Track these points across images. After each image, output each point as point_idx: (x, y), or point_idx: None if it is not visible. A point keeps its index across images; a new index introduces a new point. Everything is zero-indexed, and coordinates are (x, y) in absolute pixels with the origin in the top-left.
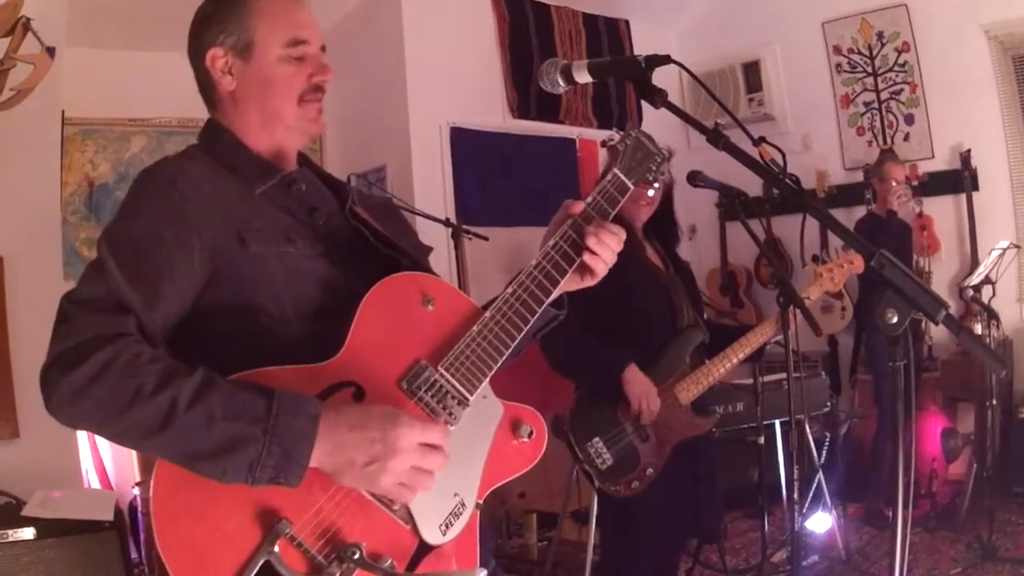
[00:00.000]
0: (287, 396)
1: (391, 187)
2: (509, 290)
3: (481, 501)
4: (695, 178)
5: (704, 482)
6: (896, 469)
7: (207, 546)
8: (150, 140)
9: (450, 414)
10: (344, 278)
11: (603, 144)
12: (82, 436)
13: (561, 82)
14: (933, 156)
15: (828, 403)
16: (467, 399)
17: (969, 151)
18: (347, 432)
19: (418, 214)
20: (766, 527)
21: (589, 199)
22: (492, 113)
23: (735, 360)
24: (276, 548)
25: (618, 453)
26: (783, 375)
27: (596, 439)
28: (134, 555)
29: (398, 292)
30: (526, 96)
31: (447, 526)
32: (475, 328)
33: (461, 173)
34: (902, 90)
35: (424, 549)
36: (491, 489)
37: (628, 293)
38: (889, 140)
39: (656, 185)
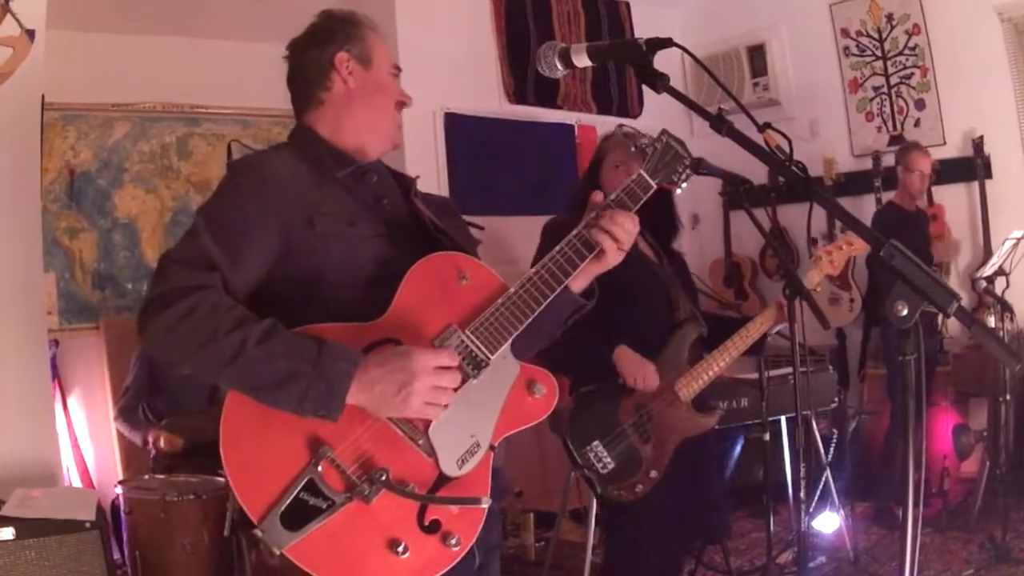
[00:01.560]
0: (334, 345)
1: None
2: (533, 270)
3: (495, 444)
4: (698, 165)
5: (709, 481)
6: (906, 466)
7: (263, 463)
8: (134, 126)
9: (473, 368)
10: (398, 255)
11: (634, 146)
12: (63, 433)
13: (559, 66)
14: (945, 143)
15: (836, 398)
16: (488, 358)
17: (982, 137)
18: (376, 369)
19: None
20: (771, 527)
21: (613, 195)
22: (488, 98)
23: (735, 352)
24: (320, 468)
25: (619, 456)
26: (789, 369)
27: (595, 442)
28: (116, 556)
29: (437, 267)
30: (523, 81)
31: (463, 461)
32: (499, 300)
33: (456, 160)
34: (912, 74)
35: (443, 480)
36: (504, 435)
37: (623, 289)
38: (899, 126)
39: (681, 188)
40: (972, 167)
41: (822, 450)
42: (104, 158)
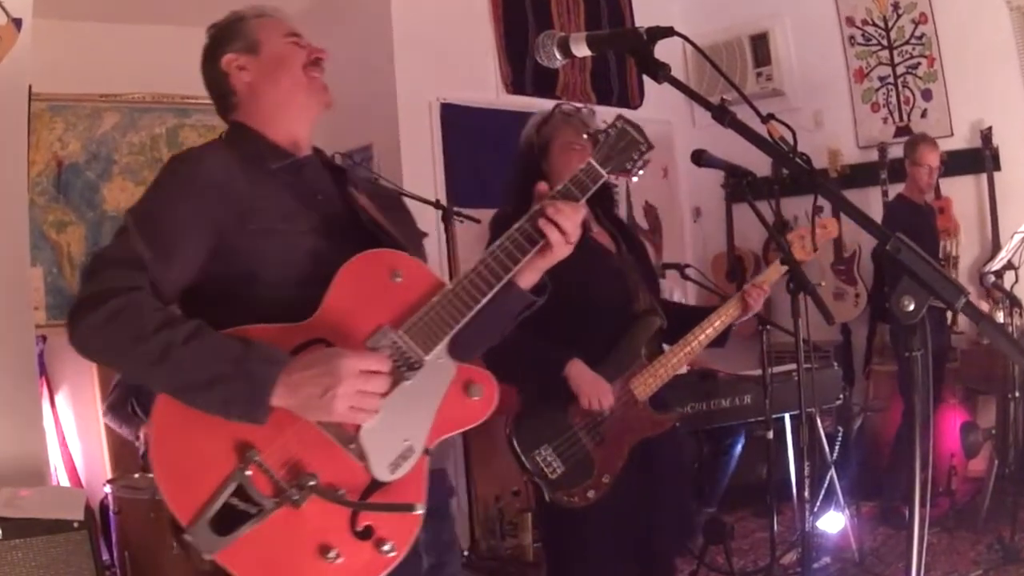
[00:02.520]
0: (260, 346)
1: (378, 167)
2: (473, 266)
3: (431, 447)
4: (700, 157)
5: (667, 488)
6: (912, 465)
7: (192, 467)
8: (123, 117)
9: (406, 370)
10: (332, 251)
11: (586, 132)
12: (51, 432)
13: (558, 55)
14: (952, 134)
15: (841, 395)
16: (422, 358)
17: (990, 128)
18: (302, 372)
19: (406, 196)
20: (775, 527)
21: (560, 186)
22: (485, 88)
23: (697, 347)
24: (248, 472)
25: (569, 460)
26: (793, 366)
27: (544, 447)
28: (105, 556)
29: (370, 266)
30: (521, 71)
31: (396, 466)
32: (435, 299)
33: (452, 152)
34: (919, 64)
35: (375, 485)
36: (440, 438)
37: (576, 281)
38: (905, 117)
39: (636, 177)
40: (980, 159)
41: (827, 448)
42: (92, 150)
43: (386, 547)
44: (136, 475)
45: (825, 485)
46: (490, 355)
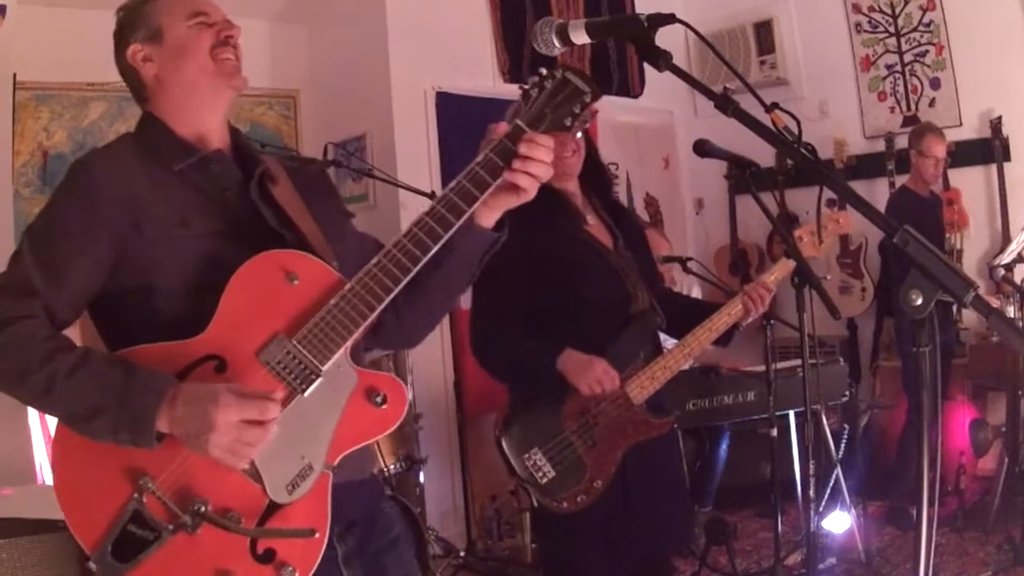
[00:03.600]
0: (143, 374)
1: (372, 157)
2: (380, 253)
3: (334, 464)
4: (702, 147)
5: (663, 492)
6: (920, 464)
7: (91, 494)
8: (110, 106)
9: (300, 383)
10: (235, 255)
11: (521, 89)
12: (36, 429)
13: (556, 43)
14: (961, 124)
15: (847, 392)
16: (318, 369)
17: (1000, 118)
18: (183, 406)
19: (400, 186)
20: (779, 527)
21: (480, 156)
22: (481, 76)
23: (697, 349)
24: (145, 500)
25: (560, 465)
26: (798, 362)
27: (534, 450)
28: None
29: (261, 270)
30: (518, 58)
31: (293, 486)
32: (332, 302)
33: (448, 142)
34: (927, 52)
35: (273, 507)
36: (344, 453)
37: (572, 282)
38: (913, 106)
39: (579, 133)
40: (990, 149)
41: (832, 446)
42: (79, 140)
43: (287, 570)
44: None
45: (830, 484)
46: (485, 355)
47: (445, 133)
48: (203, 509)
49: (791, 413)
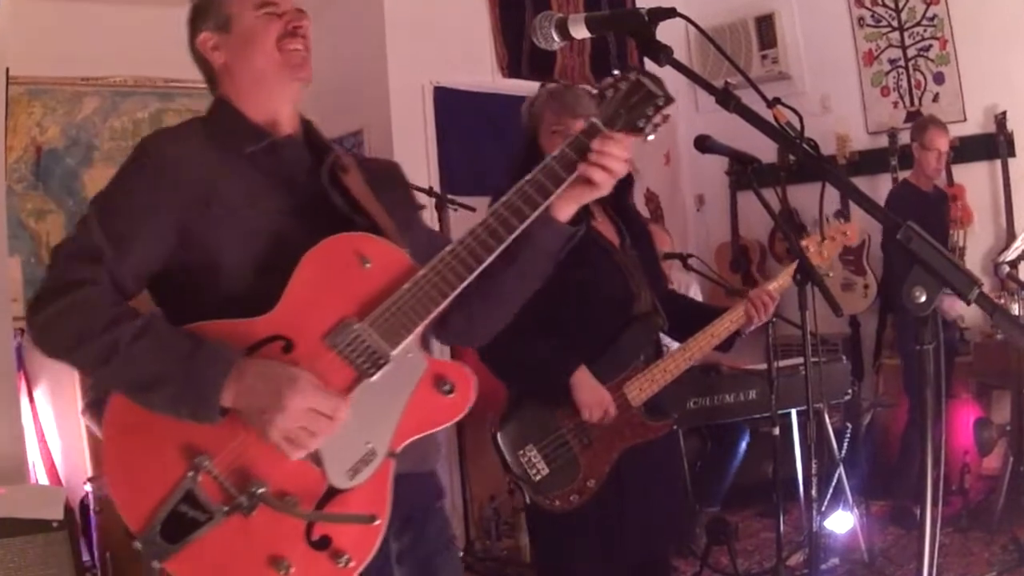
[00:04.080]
0: (210, 345)
1: (368, 153)
2: (455, 242)
3: (397, 451)
4: (703, 143)
5: (657, 488)
6: (924, 463)
7: (143, 471)
8: (104, 101)
9: (369, 368)
10: (303, 237)
11: (596, 89)
12: (29, 428)
13: (556, 37)
14: (965, 119)
15: (849, 390)
16: (388, 354)
17: (1005, 113)
18: (253, 381)
19: None
20: (781, 527)
21: (556, 152)
22: (480, 71)
23: (698, 354)
24: (199, 479)
25: (555, 463)
26: (800, 360)
27: (529, 446)
28: (85, 557)
29: (336, 251)
30: (517, 53)
31: (355, 472)
32: (405, 287)
33: (446, 138)
34: (931, 46)
35: (332, 492)
36: (409, 440)
37: (576, 278)
38: (916, 101)
39: (651, 136)
40: (994, 144)
41: (835, 445)
42: (73, 135)
43: (343, 559)
44: None
45: (833, 483)
46: (492, 354)
47: (443, 129)
48: (261, 491)
49: (793, 412)
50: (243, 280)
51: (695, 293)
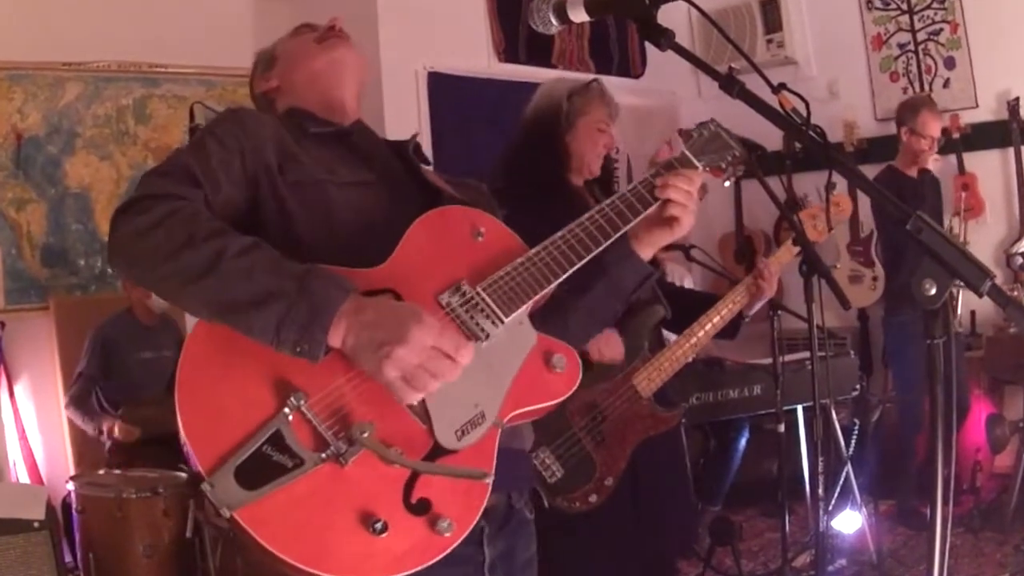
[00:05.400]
0: (326, 269)
1: None
2: (565, 230)
3: (504, 420)
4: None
5: (666, 487)
6: (935, 461)
7: (223, 405)
8: (87, 86)
9: (482, 330)
10: (388, 205)
11: (679, 131)
12: (10, 425)
13: (554, 21)
14: (977, 105)
15: (857, 386)
16: (501, 319)
17: (1018, 99)
18: (371, 311)
19: None
20: (787, 527)
21: (652, 169)
22: (476, 56)
23: (704, 338)
24: (290, 419)
25: (569, 463)
26: (806, 354)
27: (542, 448)
28: (68, 558)
29: (450, 220)
30: (514, 37)
31: (463, 433)
32: (520, 260)
33: (440, 125)
34: (941, 30)
35: (438, 451)
36: (516, 411)
37: None
38: (927, 87)
39: (728, 181)
40: (1007, 131)
41: (842, 442)
42: (54, 122)
43: (443, 525)
44: (101, 471)
45: (840, 482)
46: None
47: (438, 115)
48: (366, 435)
49: (799, 408)
50: (328, 252)
51: (688, 285)
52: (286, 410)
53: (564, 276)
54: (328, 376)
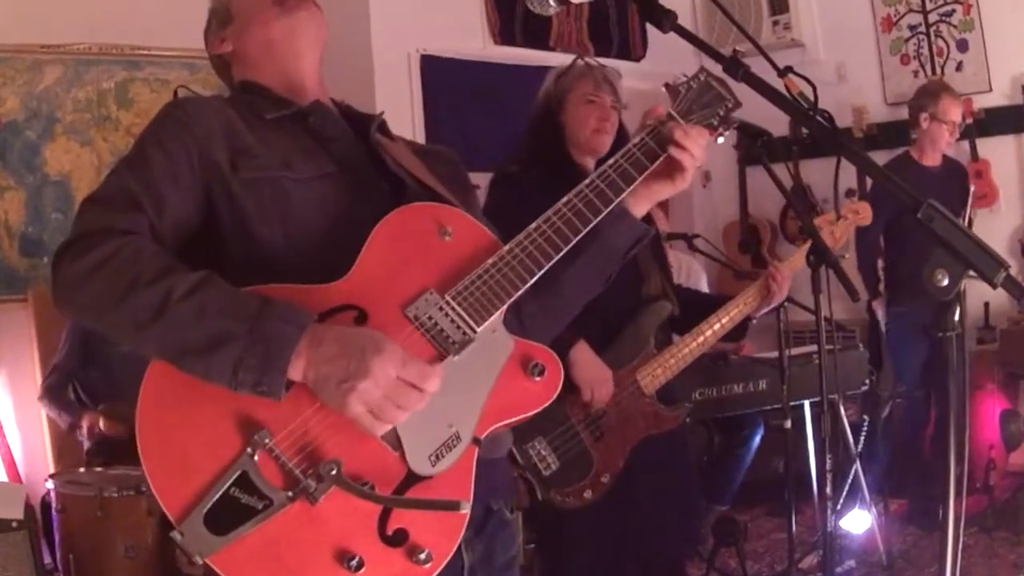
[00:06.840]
0: (281, 303)
1: None
2: (540, 220)
3: (482, 438)
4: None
5: (670, 486)
6: (947, 458)
7: (187, 449)
8: (67, 70)
9: (453, 343)
10: (350, 201)
11: (665, 85)
12: None
13: (552, 2)
14: (991, 89)
15: (867, 381)
16: (473, 331)
17: None
18: (331, 345)
19: None
20: (794, 527)
21: (636, 139)
22: (470, 39)
23: (712, 338)
24: (256, 458)
25: (566, 456)
26: (814, 348)
27: (539, 439)
28: (47, 559)
29: (414, 220)
30: (510, 19)
31: (438, 457)
32: (491, 260)
33: (434, 109)
34: (954, 11)
35: (412, 479)
36: (494, 427)
37: None
38: (939, 70)
39: (722, 137)
40: (1022, 116)
41: (851, 439)
42: (33, 107)
43: (421, 556)
44: (81, 469)
45: (849, 480)
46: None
47: (431, 100)
48: (335, 471)
49: (806, 403)
50: (288, 249)
51: (698, 276)
52: (249, 450)
53: (540, 273)
54: (293, 410)
